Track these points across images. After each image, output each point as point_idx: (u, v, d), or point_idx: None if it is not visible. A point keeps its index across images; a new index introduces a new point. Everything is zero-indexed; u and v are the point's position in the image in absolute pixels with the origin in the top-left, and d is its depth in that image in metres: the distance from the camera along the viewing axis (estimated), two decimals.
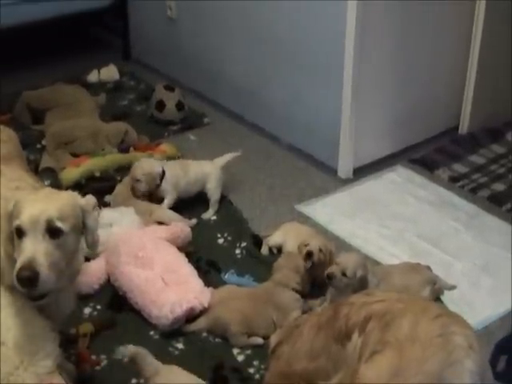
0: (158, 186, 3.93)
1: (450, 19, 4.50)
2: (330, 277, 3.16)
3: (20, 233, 2.32)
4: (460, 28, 4.57)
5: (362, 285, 3.15)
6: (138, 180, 3.88)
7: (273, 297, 3.27)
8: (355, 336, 2.37)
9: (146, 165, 3.94)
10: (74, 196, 2.50)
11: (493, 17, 4.48)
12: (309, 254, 3.37)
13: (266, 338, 3.04)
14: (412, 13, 4.24)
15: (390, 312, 2.32)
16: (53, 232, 2.34)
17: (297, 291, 3.32)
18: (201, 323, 3.17)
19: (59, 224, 2.35)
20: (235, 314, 3.15)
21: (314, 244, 3.41)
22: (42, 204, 2.37)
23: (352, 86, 4.12)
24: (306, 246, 3.41)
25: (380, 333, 2.27)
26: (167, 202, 3.94)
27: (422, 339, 2.18)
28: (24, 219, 2.31)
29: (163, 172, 3.94)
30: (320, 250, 3.39)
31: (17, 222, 2.32)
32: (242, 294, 3.29)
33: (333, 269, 3.17)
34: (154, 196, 3.95)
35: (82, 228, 2.48)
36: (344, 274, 3.14)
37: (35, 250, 2.29)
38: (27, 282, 2.26)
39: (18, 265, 2.27)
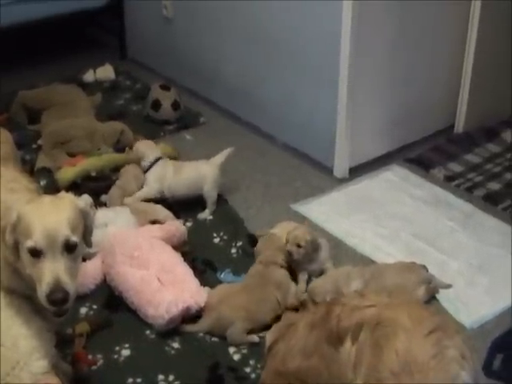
0: (147, 170, 4.03)
1: (445, 19, 4.50)
2: (290, 254, 3.42)
3: (35, 252, 2.32)
4: (456, 28, 4.58)
5: (314, 247, 3.46)
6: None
7: (270, 277, 3.32)
8: (348, 343, 2.39)
9: (141, 147, 4.08)
10: (74, 200, 2.49)
11: (488, 16, 4.49)
12: (290, 253, 3.44)
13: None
14: (408, 12, 4.25)
15: (380, 324, 2.32)
16: (69, 247, 2.36)
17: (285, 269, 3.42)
18: (203, 324, 3.17)
19: (74, 238, 2.36)
20: (239, 311, 3.16)
21: (292, 239, 3.46)
22: (52, 218, 2.35)
23: (347, 85, 4.12)
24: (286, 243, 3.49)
25: (373, 356, 2.28)
26: (140, 192, 3.96)
27: (419, 365, 2.18)
28: (39, 239, 2.30)
29: (154, 161, 4.03)
30: (298, 246, 3.43)
31: (31, 243, 2.31)
32: (239, 288, 3.30)
33: (287, 247, 3.43)
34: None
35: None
36: (298, 246, 3.41)
37: (58, 269, 2.31)
38: (59, 303, 2.30)
39: (46, 287, 2.29)
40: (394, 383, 2.18)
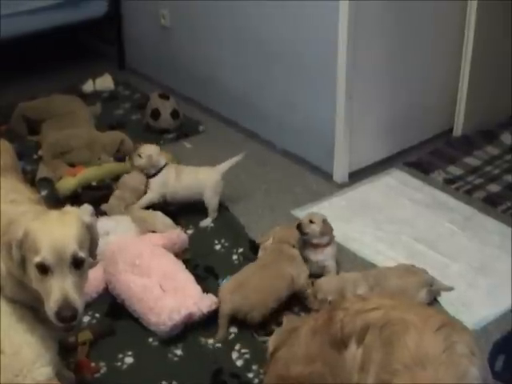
0: (153, 175, 4.02)
1: (442, 23, 4.52)
2: (299, 226, 3.53)
3: (43, 268, 2.32)
4: (453, 31, 4.59)
5: (325, 227, 3.56)
6: (139, 155, 4.02)
7: (283, 253, 3.44)
8: (353, 346, 2.39)
9: (153, 149, 4.06)
10: (79, 214, 2.49)
11: (485, 19, 4.51)
12: (299, 226, 3.54)
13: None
14: (406, 15, 4.27)
15: (388, 323, 2.33)
16: (77, 263, 2.36)
17: None
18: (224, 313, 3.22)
19: (81, 254, 2.37)
20: (257, 293, 3.23)
21: (305, 217, 3.59)
22: (59, 234, 2.36)
23: (345, 90, 4.13)
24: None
25: (384, 354, 2.27)
26: (144, 200, 3.97)
27: (431, 359, 2.18)
28: (47, 256, 2.31)
29: (163, 167, 4.04)
30: (310, 221, 3.54)
31: (38, 259, 2.31)
32: (255, 267, 3.40)
33: (301, 220, 3.58)
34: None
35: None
36: (311, 221, 3.52)
37: (66, 286, 2.32)
38: (68, 320, 2.31)
39: (54, 305, 2.30)
40: (406, 375, 2.18)
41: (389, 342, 2.28)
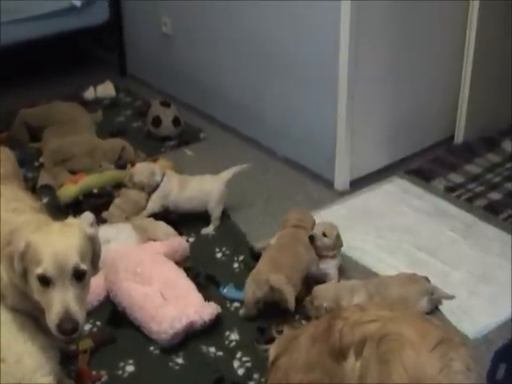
0: (152, 192, 4.02)
1: (444, 23, 4.52)
2: (312, 238, 3.54)
3: (45, 280, 2.33)
4: (454, 39, 4.60)
5: (338, 242, 3.59)
6: (134, 182, 4.04)
7: (300, 238, 3.56)
8: (352, 358, 2.38)
9: (145, 172, 4.04)
10: (82, 226, 2.50)
11: (486, 26, 4.51)
12: (310, 238, 3.56)
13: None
14: (407, 15, 4.26)
15: (386, 337, 2.31)
16: (78, 275, 2.38)
17: None
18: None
19: (83, 266, 2.38)
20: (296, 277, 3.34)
21: (318, 228, 3.61)
22: (61, 246, 2.37)
23: (347, 98, 4.13)
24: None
25: (381, 373, 2.26)
26: (145, 212, 3.97)
27: (429, 380, 2.17)
28: (49, 267, 2.32)
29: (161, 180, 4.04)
30: (324, 235, 3.57)
31: (40, 271, 2.32)
32: (274, 251, 3.48)
33: (313, 231, 3.58)
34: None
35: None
36: (324, 235, 3.55)
37: (68, 299, 2.33)
38: (69, 332, 2.33)
39: (55, 317, 2.32)
40: None
41: (386, 359, 2.27)
